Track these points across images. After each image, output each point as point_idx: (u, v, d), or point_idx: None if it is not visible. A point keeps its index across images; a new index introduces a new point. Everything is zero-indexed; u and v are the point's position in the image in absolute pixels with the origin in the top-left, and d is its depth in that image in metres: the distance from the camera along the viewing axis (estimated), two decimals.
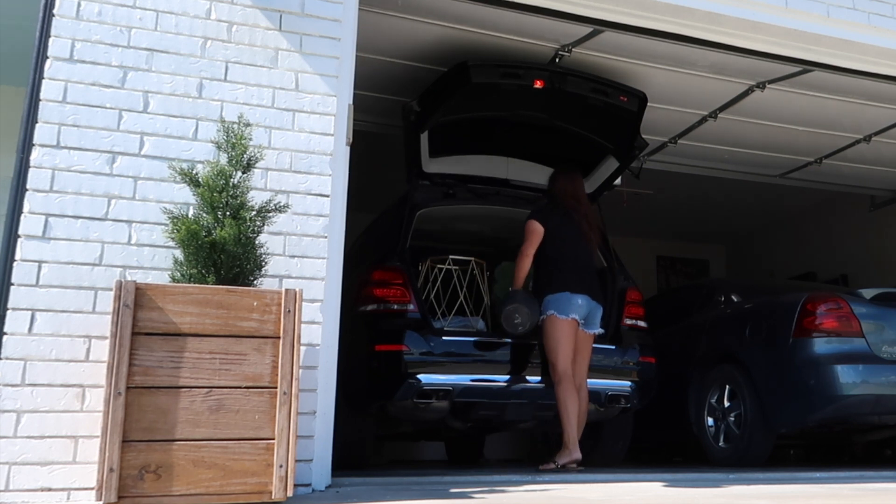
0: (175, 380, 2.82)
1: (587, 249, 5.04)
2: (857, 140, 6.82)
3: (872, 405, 5.01)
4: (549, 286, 4.85)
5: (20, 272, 3.11)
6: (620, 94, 5.31)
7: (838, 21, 4.93)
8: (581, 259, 4.96)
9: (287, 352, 2.94)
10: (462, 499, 3.09)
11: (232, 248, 3.01)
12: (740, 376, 5.50)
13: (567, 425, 4.63)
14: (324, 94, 3.68)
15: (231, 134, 3.18)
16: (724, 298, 6.24)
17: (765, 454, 5.43)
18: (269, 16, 3.69)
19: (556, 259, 4.91)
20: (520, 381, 4.87)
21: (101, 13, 3.44)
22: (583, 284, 4.86)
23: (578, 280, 4.86)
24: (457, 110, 5.28)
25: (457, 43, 5.13)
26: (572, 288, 4.81)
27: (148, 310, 2.83)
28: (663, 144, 6.89)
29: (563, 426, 4.65)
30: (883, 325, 5.12)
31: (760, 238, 10.75)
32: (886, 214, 8.61)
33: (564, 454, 4.64)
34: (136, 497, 2.70)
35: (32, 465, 2.97)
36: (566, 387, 4.64)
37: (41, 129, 3.25)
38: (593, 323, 4.91)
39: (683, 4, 4.65)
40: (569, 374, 4.66)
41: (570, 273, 4.87)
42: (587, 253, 5.04)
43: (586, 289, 4.87)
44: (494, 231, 6.06)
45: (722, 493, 3.37)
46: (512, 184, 5.72)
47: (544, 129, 5.65)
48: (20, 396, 3.00)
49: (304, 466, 3.26)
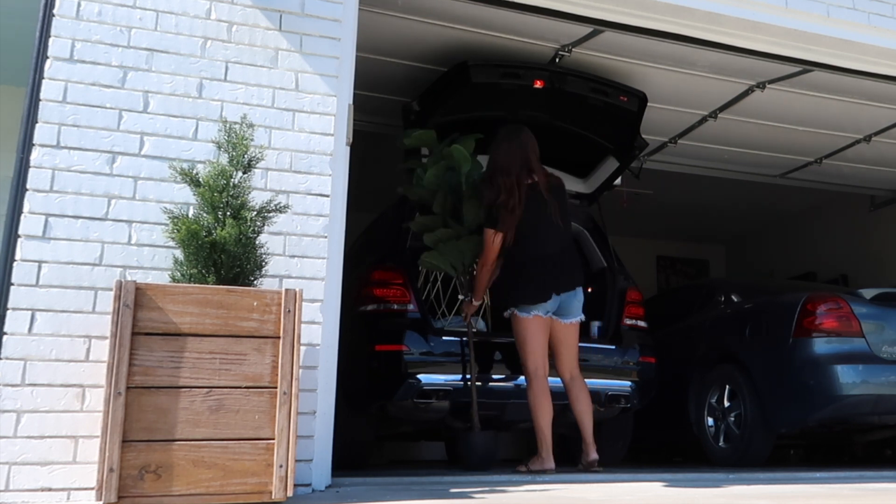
0: (175, 380, 2.82)
1: (549, 229, 4.54)
2: (857, 140, 6.82)
3: (872, 405, 5.01)
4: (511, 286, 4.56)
5: (20, 272, 3.10)
6: (620, 94, 5.31)
7: (838, 21, 4.93)
8: (545, 245, 4.52)
9: (287, 352, 2.94)
10: (462, 499, 3.09)
11: (232, 248, 3.01)
12: (740, 376, 5.50)
13: (539, 429, 4.39)
14: (324, 94, 3.68)
15: (232, 134, 3.18)
16: (724, 298, 6.24)
17: (765, 454, 5.44)
18: (269, 16, 3.69)
19: (515, 255, 4.54)
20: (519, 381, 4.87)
21: (101, 13, 3.44)
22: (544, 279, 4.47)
23: (539, 275, 4.47)
24: (457, 110, 5.28)
25: (457, 43, 5.13)
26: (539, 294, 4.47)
27: (148, 310, 2.83)
28: (663, 144, 6.89)
29: (536, 430, 4.41)
30: (883, 325, 5.12)
31: (760, 238, 10.74)
32: (886, 214, 8.61)
33: (536, 462, 4.41)
34: (136, 497, 2.69)
35: (32, 465, 2.97)
36: (536, 386, 4.41)
37: (41, 129, 3.25)
38: (569, 312, 4.57)
39: (683, 4, 4.65)
40: (539, 374, 4.43)
41: (529, 269, 4.50)
42: (549, 234, 4.54)
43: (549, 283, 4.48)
44: None
45: (722, 493, 3.37)
46: None
47: (544, 129, 5.65)
48: (20, 396, 3.00)
49: (304, 466, 3.26)
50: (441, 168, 4.85)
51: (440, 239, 4.75)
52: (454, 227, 4.78)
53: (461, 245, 4.76)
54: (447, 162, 4.84)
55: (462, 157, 4.81)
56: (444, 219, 4.82)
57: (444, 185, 4.83)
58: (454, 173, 4.86)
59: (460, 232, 4.77)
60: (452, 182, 4.86)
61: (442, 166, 4.85)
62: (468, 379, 4.63)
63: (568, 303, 4.58)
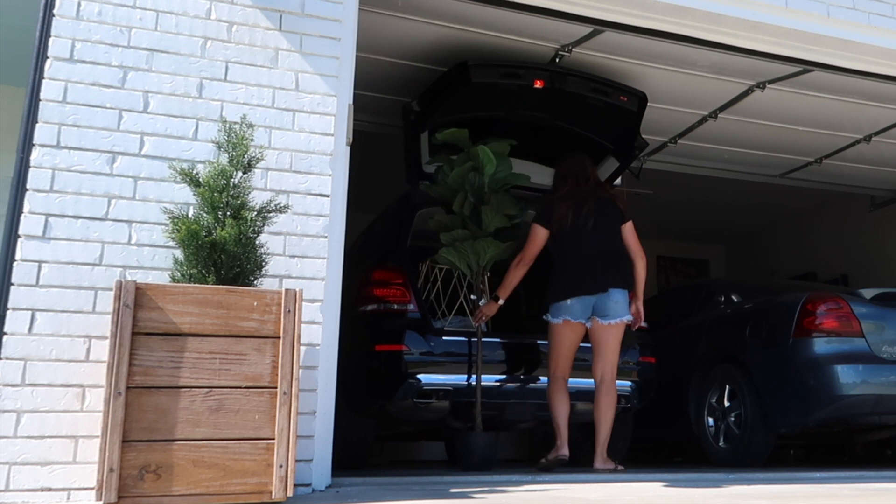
0: (175, 380, 2.82)
1: (595, 235, 4.70)
2: (857, 140, 6.83)
3: (873, 405, 5.01)
4: (549, 290, 4.77)
5: (20, 272, 3.10)
6: (620, 94, 5.31)
7: (838, 21, 4.93)
8: (584, 249, 4.68)
9: (287, 352, 2.94)
10: (462, 499, 3.09)
11: (232, 248, 3.01)
12: (740, 376, 5.50)
13: (554, 423, 4.68)
14: (324, 94, 3.68)
15: (232, 134, 3.18)
16: (724, 298, 6.24)
17: (765, 454, 5.43)
18: (269, 16, 3.69)
19: (557, 259, 4.81)
20: (519, 381, 4.87)
21: (101, 13, 3.44)
22: (579, 282, 4.63)
23: (576, 278, 4.64)
24: (457, 110, 5.28)
25: (457, 43, 5.13)
26: (561, 294, 4.67)
27: (148, 310, 2.83)
28: (663, 144, 6.89)
29: (553, 423, 4.72)
30: (883, 325, 5.12)
31: (760, 238, 10.74)
32: (886, 214, 8.61)
33: (553, 451, 4.73)
34: (136, 497, 2.70)
35: (32, 465, 2.97)
36: (554, 387, 4.67)
37: (41, 129, 3.25)
38: (606, 313, 4.64)
39: (683, 4, 4.65)
40: (557, 376, 4.65)
41: (565, 273, 4.70)
42: (594, 240, 4.70)
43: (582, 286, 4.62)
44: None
45: (722, 493, 3.37)
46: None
47: (544, 129, 5.65)
48: (20, 396, 3.00)
49: (304, 466, 3.26)
50: (466, 168, 4.87)
51: (457, 238, 4.78)
52: (472, 228, 4.80)
53: (478, 245, 4.78)
54: (472, 163, 4.86)
55: (486, 157, 4.83)
56: (462, 219, 4.84)
57: (466, 184, 4.86)
58: (478, 174, 4.88)
59: (477, 234, 4.79)
60: (475, 183, 4.87)
61: (467, 166, 4.86)
62: (469, 379, 4.64)
63: (603, 304, 4.66)
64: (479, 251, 4.79)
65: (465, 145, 4.93)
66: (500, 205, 4.87)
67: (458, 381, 4.63)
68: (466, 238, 4.78)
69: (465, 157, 4.92)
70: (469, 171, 4.88)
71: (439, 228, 4.87)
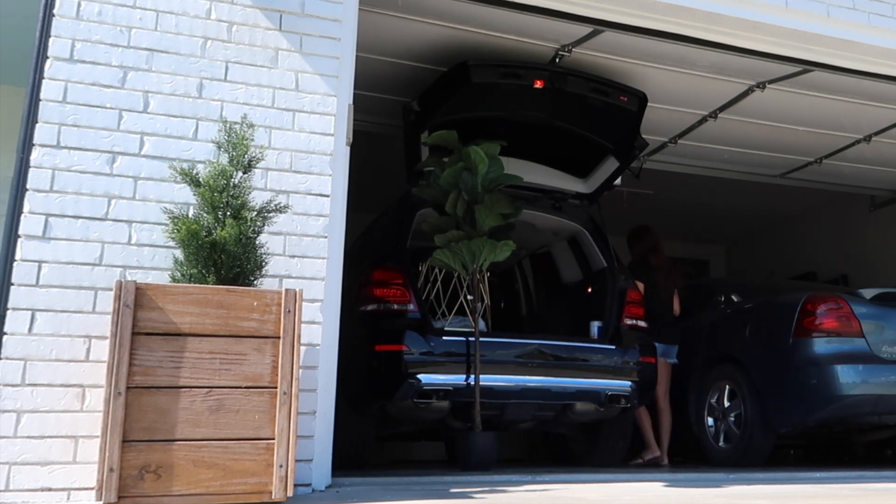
0: (175, 380, 2.82)
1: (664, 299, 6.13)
2: (857, 140, 6.82)
3: (873, 405, 5.01)
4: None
5: (20, 272, 3.11)
6: (620, 94, 5.31)
7: (838, 21, 4.93)
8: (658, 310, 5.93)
9: (287, 352, 2.94)
10: (462, 499, 3.09)
11: (232, 248, 3.01)
12: (740, 376, 5.50)
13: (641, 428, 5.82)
14: (324, 94, 3.68)
15: (232, 134, 3.18)
16: (724, 298, 6.24)
17: (765, 454, 5.44)
18: (269, 16, 3.69)
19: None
20: (519, 381, 4.86)
21: (101, 13, 3.44)
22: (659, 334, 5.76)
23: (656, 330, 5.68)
24: (457, 110, 5.28)
25: (457, 43, 5.13)
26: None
27: (148, 310, 2.83)
28: (663, 144, 6.89)
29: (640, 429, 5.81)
30: (883, 325, 5.12)
31: (760, 238, 10.74)
32: (886, 214, 8.61)
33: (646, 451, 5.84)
34: (136, 497, 2.70)
35: (32, 465, 2.97)
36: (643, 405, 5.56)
37: (41, 129, 3.25)
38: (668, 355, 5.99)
39: (683, 4, 4.65)
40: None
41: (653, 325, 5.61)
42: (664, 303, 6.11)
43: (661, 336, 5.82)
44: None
45: (722, 493, 3.37)
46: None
47: (544, 129, 5.65)
48: (20, 396, 3.00)
49: (304, 466, 3.26)
50: (458, 168, 4.86)
51: (451, 240, 4.77)
52: (466, 229, 4.79)
53: (472, 245, 4.78)
54: (464, 163, 4.86)
55: (479, 157, 4.82)
56: (455, 220, 4.84)
57: (459, 185, 4.85)
58: (470, 174, 4.88)
59: (472, 234, 4.79)
60: (468, 183, 4.87)
61: (459, 167, 4.86)
62: (468, 379, 4.63)
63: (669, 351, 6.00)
64: (474, 251, 4.78)
65: (455, 147, 4.92)
66: (495, 203, 4.86)
67: (458, 380, 4.63)
68: (461, 238, 4.77)
69: (456, 158, 4.92)
70: (461, 172, 4.88)
71: (433, 230, 4.87)
